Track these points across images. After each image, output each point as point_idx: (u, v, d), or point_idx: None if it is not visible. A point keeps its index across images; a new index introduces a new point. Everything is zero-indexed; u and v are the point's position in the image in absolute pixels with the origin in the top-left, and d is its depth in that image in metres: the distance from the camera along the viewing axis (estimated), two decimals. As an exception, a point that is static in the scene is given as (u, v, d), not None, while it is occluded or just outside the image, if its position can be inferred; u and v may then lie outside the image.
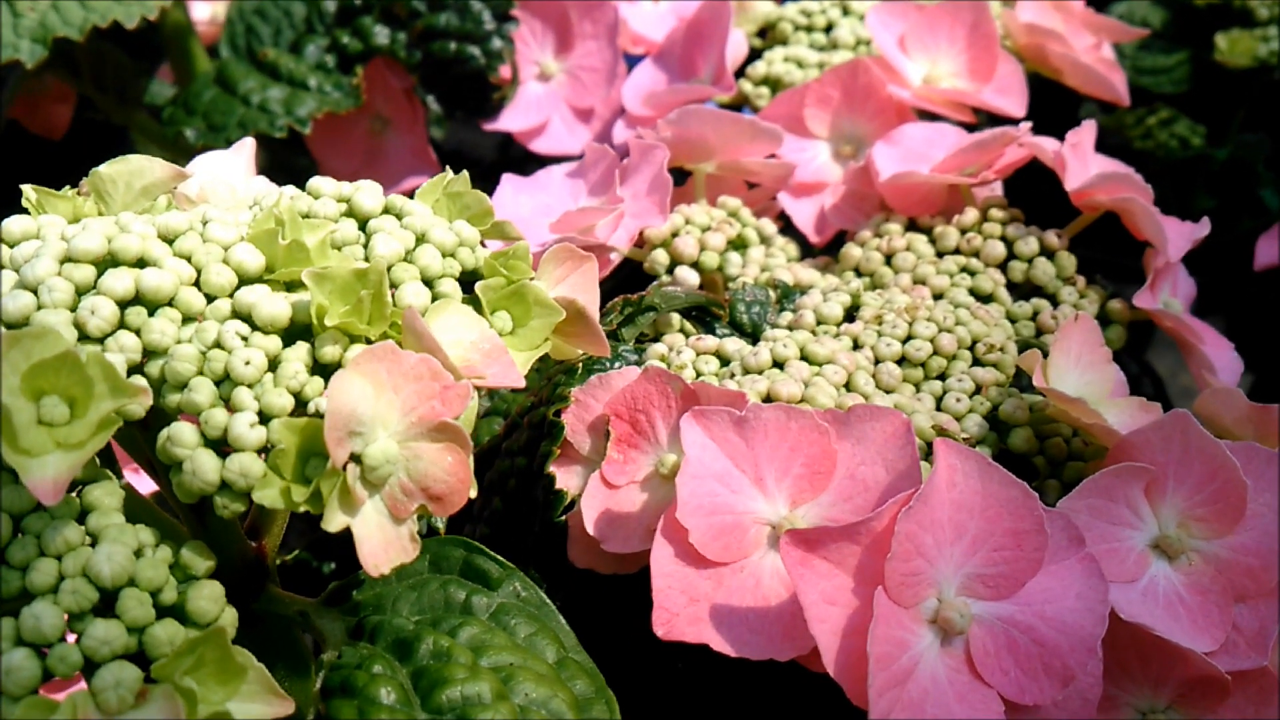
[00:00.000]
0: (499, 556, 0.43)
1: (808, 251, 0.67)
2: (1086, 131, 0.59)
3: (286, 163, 0.91)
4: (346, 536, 0.36)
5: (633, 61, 0.79)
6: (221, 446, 0.36)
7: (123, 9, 0.70)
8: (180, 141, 0.78)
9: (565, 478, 0.48)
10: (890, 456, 0.43)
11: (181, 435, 0.36)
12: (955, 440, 0.42)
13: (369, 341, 0.38)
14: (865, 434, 0.43)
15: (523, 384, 0.40)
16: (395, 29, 0.79)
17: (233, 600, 0.39)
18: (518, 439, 0.51)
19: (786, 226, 0.68)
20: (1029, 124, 0.59)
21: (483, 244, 0.45)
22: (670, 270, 0.59)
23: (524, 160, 0.79)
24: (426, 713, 0.38)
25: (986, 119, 0.70)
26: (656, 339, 0.56)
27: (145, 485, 0.44)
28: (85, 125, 0.96)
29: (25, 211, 0.42)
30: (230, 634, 0.36)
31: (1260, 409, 0.50)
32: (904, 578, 0.40)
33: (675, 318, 0.57)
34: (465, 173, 0.46)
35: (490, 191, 0.66)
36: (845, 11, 0.75)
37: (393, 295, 0.41)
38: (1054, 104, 0.82)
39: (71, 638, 0.35)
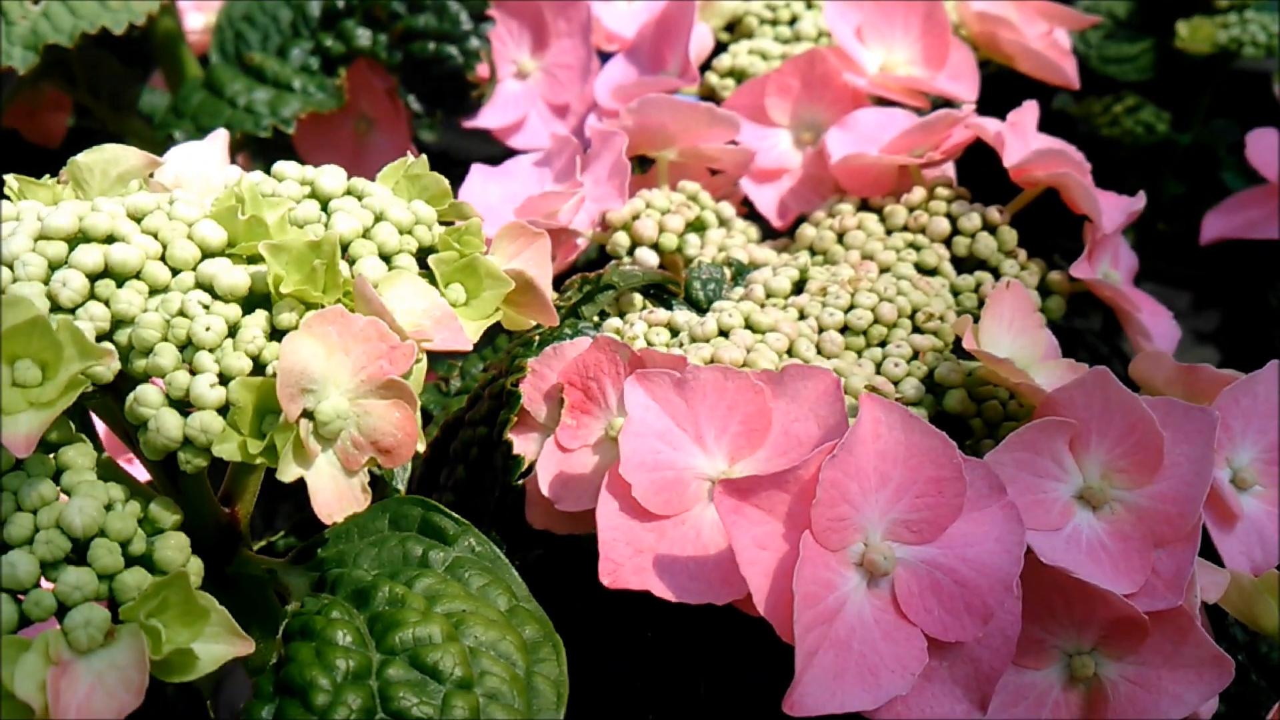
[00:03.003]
0: (455, 514, 0.45)
1: (770, 234, 0.69)
2: (1027, 112, 0.61)
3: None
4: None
5: (607, 58, 0.81)
6: (184, 406, 0.39)
7: (110, 16, 0.72)
8: (170, 144, 0.80)
9: (523, 444, 0.51)
10: (822, 413, 0.45)
11: (147, 396, 0.39)
12: (882, 396, 0.44)
13: (324, 308, 0.41)
14: (798, 392, 0.45)
15: (469, 347, 0.42)
16: (376, 31, 0.81)
17: (208, 562, 0.42)
18: (479, 409, 0.54)
19: (751, 211, 0.70)
20: (972, 106, 0.62)
21: (451, 224, 0.48)
22: (631, 251, 0.61)
23: (505, 159, 0.82)
24: (380, 653, 0.41)
25: (942, 105, 0.72)
26: (621, 316, 0.58)
27: (143, 474, 0.46)
28: (82, 133, 0.98)
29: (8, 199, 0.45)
30: (195, 581, 0.39)
31: (1187, 369, 0.52)
32: (830, 523, 0.42)
33: (638, 296, 0.59)
34: (424, 156, 0.49)
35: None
36: (809, 4, 0.77)
37: (351, 269, 0.44)
38: (1027, 94, 0.84)
39: (47, 585, 0.38)
